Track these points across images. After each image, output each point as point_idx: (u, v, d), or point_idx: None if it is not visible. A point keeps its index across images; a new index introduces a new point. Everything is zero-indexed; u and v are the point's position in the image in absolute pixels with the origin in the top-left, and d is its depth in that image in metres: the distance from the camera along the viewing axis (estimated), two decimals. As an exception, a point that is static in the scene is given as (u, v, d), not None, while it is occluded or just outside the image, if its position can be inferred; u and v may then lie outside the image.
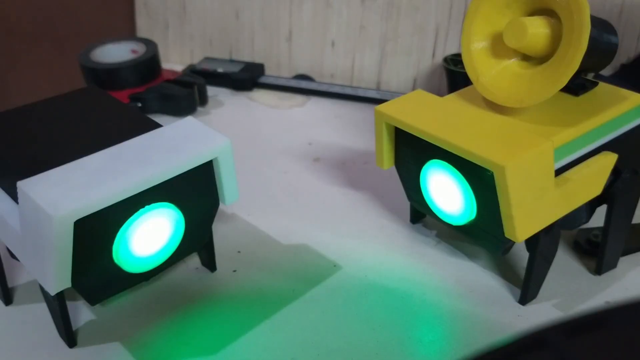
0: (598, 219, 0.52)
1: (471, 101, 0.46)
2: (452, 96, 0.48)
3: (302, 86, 0.78)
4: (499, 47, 0.45)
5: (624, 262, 0.49)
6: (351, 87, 0.78)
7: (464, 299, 0.45)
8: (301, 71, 0.82)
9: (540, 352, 0.16)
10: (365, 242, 0.51)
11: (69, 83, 0.99)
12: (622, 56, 0.68)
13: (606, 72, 0.69)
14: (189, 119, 0.42)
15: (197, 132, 0.41)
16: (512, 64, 0.45)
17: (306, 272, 0.48)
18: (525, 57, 0.45)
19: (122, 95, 0.69)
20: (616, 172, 0.45)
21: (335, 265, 0.48)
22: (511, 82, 0.44)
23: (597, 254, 0.48)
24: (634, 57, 0.68)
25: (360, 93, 0.76)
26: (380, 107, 0.46)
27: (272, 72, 0.82)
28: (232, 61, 0.81)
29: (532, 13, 0.44)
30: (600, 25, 0.45)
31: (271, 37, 0.81)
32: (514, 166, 0.38)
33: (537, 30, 0.42)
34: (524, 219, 0.40)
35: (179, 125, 0.41)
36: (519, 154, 0.39)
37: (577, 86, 0.46)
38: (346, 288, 0.46)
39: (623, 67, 0.68)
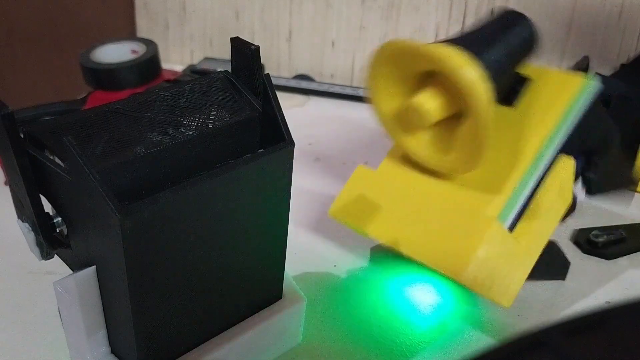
0: (598, 218, 0.52)
1: (407, 163, 0.44)
2: (388, 163, 0.45)
3: (302, 86, 0.78)
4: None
5: (624, 262, 0.49)
6: (351, 87, 0.78)
7: (464, 299, 0.45)
8: (301, 71, 0.82)
9: (540, 352, 0.16)
10: (365, 242, 0.51)
11: (69, 83, 0.99)
12: (622, 56, 0.69)
13: (606, 72, 0.69)
14: None
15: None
16: (430, 128, 0.42)
17: (306, 272, 0.48)
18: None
19: (122, 96, 0.69)
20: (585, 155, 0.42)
21: (335, 265, 0.48)
22: (435, 147, 0.41)
23: (597, 254, 0.48)
24: (634, 57, 0.68)
25: (360, 93, 0.76)
26: (333, 211, 0.44)
27: (272, 72, 0.82)
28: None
29: (425, 76, 0.41)
30: (504, 32, 0.41)
31: (271, 37, 0.81)
32: (474, 269, 0.38)
33: (432, 105, 0.39)
34: (504, 289, 0.39)
35: None
36: (472, 254, 0.38)
37: (508, 94, 0.42)
38: (346, 288, 0.46)
39: (623, 67, 0.68)
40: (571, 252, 0.50)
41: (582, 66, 0.67)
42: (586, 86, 0.42)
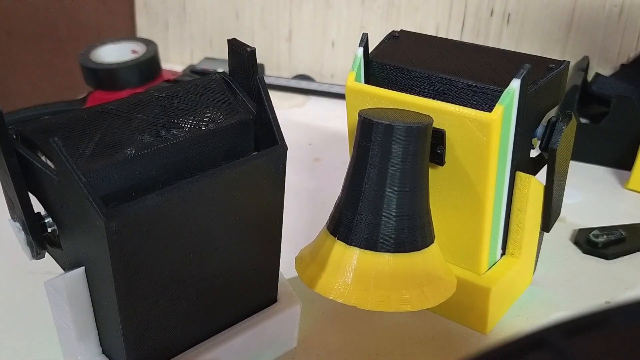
0: (598, 218, 0.52)
1: None
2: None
3: (302, 86, 0.78)
4: None
5: (624, 262, 0.49)
6: (351, 87, 0.78)
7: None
8: (301, 71, 0.82)
9: (540, 352, 0.16)
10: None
11: (69, 83, 0.99)
12: (622, 56, 0.69)
13: (606, 72, 0.69)
14: None
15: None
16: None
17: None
18: None
19: (122, 96, 0.69)
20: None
21: (335, 265, 0.48)
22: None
23: (597, 254, 0.48)
24: (634, 57, 0.68)
25: (360, 93, 0.76)
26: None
27: (272, 72, 0.82)
28: (232, 61, 0.81)
29: None
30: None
31: (271, 37, 0.81)
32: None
33: None
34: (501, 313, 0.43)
35: None
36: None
37: (437, 154, 0.38)
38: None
39: (623, 67, 0.68)
40: (571, 252, 0.50)
41: (582, 66, 0.67)
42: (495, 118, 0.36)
